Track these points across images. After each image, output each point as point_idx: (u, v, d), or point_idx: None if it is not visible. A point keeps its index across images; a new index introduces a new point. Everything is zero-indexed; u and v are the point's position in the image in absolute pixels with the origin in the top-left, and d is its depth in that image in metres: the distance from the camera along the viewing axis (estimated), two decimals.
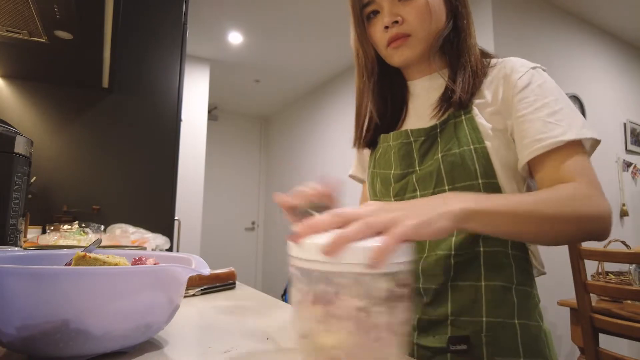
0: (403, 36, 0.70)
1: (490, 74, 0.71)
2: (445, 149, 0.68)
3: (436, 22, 0.70)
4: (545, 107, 0.63)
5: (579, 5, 2.92)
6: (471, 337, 0.64)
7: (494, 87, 0.69)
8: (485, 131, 0.66)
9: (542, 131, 0.61)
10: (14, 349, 0.44)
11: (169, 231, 1.80)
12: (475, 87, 0.69)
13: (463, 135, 0.67)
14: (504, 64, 0.70)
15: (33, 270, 0.42)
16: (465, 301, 0.65)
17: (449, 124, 0.69)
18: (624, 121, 3.27)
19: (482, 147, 0.65)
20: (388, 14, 0.70)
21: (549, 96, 0.64)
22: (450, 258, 0.66)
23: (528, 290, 0.67)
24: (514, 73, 0.67)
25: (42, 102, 1.67)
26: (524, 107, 0.64)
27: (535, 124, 0.62)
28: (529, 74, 0.66)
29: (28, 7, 1.07)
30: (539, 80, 0.66)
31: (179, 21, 1.97)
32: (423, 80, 0.78)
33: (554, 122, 0.61)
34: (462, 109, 0.69)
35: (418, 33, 0.70)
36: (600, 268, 2.06)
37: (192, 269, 0.51)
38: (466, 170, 0.65)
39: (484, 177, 0.65)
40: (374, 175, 0.81)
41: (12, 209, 0.80)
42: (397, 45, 0.71)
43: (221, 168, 5.44)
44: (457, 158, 0.66)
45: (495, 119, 0.67)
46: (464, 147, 0.66)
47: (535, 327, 0.66)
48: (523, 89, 0.65)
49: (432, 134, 0.71)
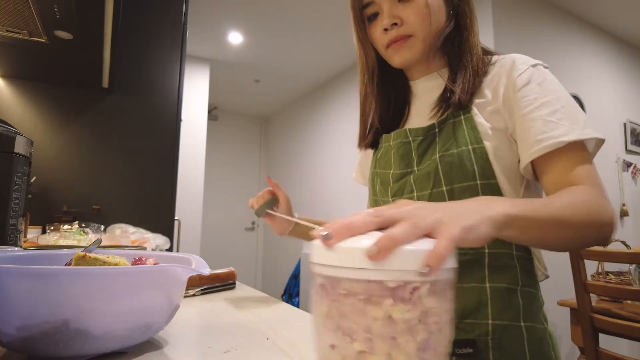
0: (403, 38, 0.70)
1: (490, 72, 0.70)
2: (443, 149, 0.67)
3: (436, 22, 0.69)
4: (545, 105, 0.61)
5: (579, 4, 2.92)
6: (477, 341, 0.62)
7: (494, 85, 0.68)
8: (484, 131, 0.65)
9: (542, 131, 0.60)
10: (14, 349, 0.44)
11: (169, 231, 1.80)
12: (475, 86, 0.68)
13: (461, 135, 0.66)
14: (504, 60, 0.69)
15: (33, 270, 0.42)
16: (469, 303, 0.64)
17: (447, 123, 0.68)
18: (623, 121, 3.27)
19: (480, 147, 0.64)
20: (387, 15, 0.69)
21: (550, 94, 0.63)
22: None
23: (533, 292, 0.66)
24: (514, 71, 0.66)
25: (42, 102, 1.67)
26: (524, 105, 0.63)
27: (535, 123, 0.61)
28: (529, 71, 0.65)
29: (28, 7, 1.07)
30: (539, 78, 0.65)
31: (179, 21, 1.97)
32: (424, 80, 0.78)
33: (554, 121, 0.60)
34: (462, 109, 0.68)
35: (418, 34, 0.69)
36: (600, 268, 2.06)
37: (192, 269, 0.51)
38: (464, 171, 0.64)
39: (483, 178, 0.64)
40: (375, 175, 0.80)
41: (12, 209, 0.80)
42: (397, 46, 0.71)
43: (221, 168, 5.44)
44: (455, 158, 0.65)
45: (495, 118, 0.66)
46: (462, 147, 0.65)
47: (540, 329, 0.65)
48: (523, 87, 0.64)
49: (430, 133, 0.70)
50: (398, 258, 0.30)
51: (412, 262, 0.30)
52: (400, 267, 0.30)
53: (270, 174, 5.70)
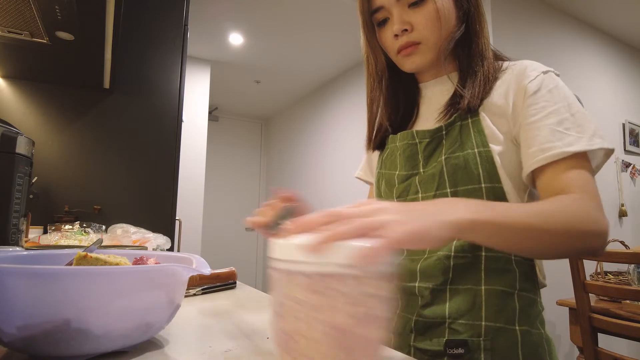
0: (413, 44, 0.69)
1: (500, 77, 0.69)
2: (449, 152, 0.66)
3: (446, 27, 0.69)
4: (554, 114, 0.61)
5: (577, 6, 2.92)
6: (469, 342, 0.62)
7: (504, 91, 0.67)
8: (491, 134, 0.65)
9: (549, 140, 0.59)
10: (15, 349, 0.44)
11: (170, 231, 1.80)
12: (486, 92, 0.67)
13: (468, 138, 0.66)
14: (515, 67, 0.69)
15: (34, 270, 0.42)
16: (463, 304, 0.64)
17: (454, 126, 0.68)
18: (622, 122, 3.27)
19: (486, 151, 0.64)
20: (397, 21, 0.69)
21: (559, 102, 0.62)
22: (449, 259, 0.65)
23: (531, 297, 0.65)
24: (524, 78, 0.65)
25: (44, 102, 1.68)
26: (533, 113, 0.62)
27: (542, 132, 0.60)
28: (539, 78, 0.65)
29: (29, 8, 1.08)
30: (549, 85, 0.64)
31: (180, 22, 1.97)
32: (434, 83, 0.78)
33: (561, 131, 0.59)
34: (470, 113, 0.67)
35: (428, 40, 0.69)
36: (599, 268, 2.07)
37: (193, 269, 0.51)
38: (469, 174, 0.64)
39: (488, 182, 0.63)
40: (380, 176, 0.80)
41: (14, 209, 0.81)
42: (407, 53, 0.70)
43: (222, 169, 5.45)
44: (461, 161, 0.65)
45: (502, 122, 0.66)
46: (468, 150, 0.65)
47: (537, 334, 0.64)
48: (533, 94, 0.63)
49: (437, 135, 0.69)
50: (334, 251, 0.34)
51: (344, 256, 0.33)
52: (334, 260, 0.34)
53: (271, 174, 5.70)
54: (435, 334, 0.65)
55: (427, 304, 0.66)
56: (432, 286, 0.66)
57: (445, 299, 0.65)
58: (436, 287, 0.66)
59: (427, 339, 0.66)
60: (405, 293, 0.70)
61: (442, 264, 0.65)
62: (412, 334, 0.68)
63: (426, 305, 0.67)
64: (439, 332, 0.65)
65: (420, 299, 0.68)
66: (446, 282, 0.65)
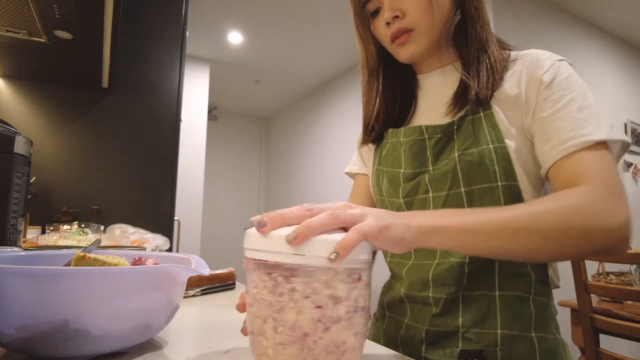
0: (406, 31, 0.67)
1: (511, 68, 0.66)
2: (462, 148, 0.62)
3: (439, 12, 0.66)
4: (572, 101, 0.58)
5: (579, 5, 2.92)
6: (485, 352, 0.59)
7: (515, 82, 0.64)
8: (505, 129, 0.61)
9: (570, 129, 0.56)
10: (13, 350, 0.44)
11: (169, 231, 1.80)
12: (496, 82, 0.64)
13: (482, 133, 0.62)
14: (526, 57, 0.66)
15: (32, 270, 0.42)
16: (478, 312, 0.61)
17: (466, 120, 0.64)
18: (624, 121, 3.27)
19: (502, 147, 0.60)
20: (388, 8, 0.67)
21: (576, 90, 0.59)
22: (464, 266, 0.61)
23: (545, 300, 0.63)
24: (538, 68, 0.62)
25: (42, 102, 1.67)
26: (550, 105, 0.59)
27: (563, 122, 0.57)
28: (554, 67, 0.61)
29: (28, 7, 1.07)
30: (565, 73, 0.61)
31: (179, 21, 1.96)
32: (434, 74, 0.74)
33: (582, 119, 0.56)
34: (481, 106, 0.63)
35: (421, 26, 0.66)
36: (600, 268, 2.06)
37: (192, 270, 0.51)
38: (485, 172, 0.60)
39: (504, 180, 0.60)
40: (380, 173, 0.75)
41: (12, 209, 0.80)
42: (401, 41, 0.68)
43: (221, 168, 5.45)
44: (476, 157, 0.61)
45: (515, 115, 0.62)
46: (482, 145, 0.61)
47: (553, 340, 0.61)
48: (549, 85, 0.60)
49: (448, 131, 0.65)
50: (311, 245, 0.35)
51: (323, 249, 0.34)
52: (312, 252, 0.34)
53: (271, 174, 5.70)
54: (448, 344, 0.62)
55: (440, 313, 0.63)
56: (445, 295, 0.63)
57: (458, 307, 0.62)
58: (449, 295, 0.62)
59: (440, 349, 0.63)
60: (417, 302, 0.67)
61: (456, 270, 0.62)
62: (422, 345, 0.64)
63: (438, 314, 0.63)
64: (452, 342, 0.62)
65: (432, 309, 0.64)
66: (459, 290, 0.62)
